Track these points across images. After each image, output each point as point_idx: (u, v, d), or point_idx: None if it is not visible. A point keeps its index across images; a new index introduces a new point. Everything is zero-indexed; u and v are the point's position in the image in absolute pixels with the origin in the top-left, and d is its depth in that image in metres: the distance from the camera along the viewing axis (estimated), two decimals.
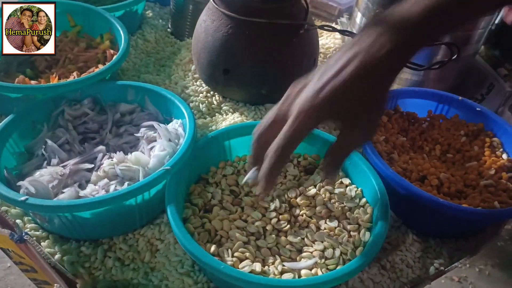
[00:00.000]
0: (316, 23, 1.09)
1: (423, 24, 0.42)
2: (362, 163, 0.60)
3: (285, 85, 0.74)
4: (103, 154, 0.61)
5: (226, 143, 0.63)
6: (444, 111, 0.76)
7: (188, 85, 0.81)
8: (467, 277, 1.58)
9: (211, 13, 0.72)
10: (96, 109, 0.69)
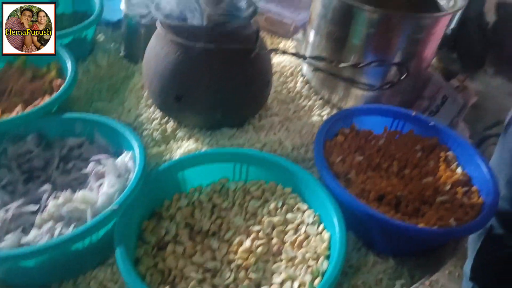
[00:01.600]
0: (273, 40, 1.09)
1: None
2: (319, 188, 0.59)
3: (239, 108, 0.74)
4: (48, 193, 0.58)
5: (179, 174, 0.62)
6: (400, 127, 0.76)
7: (142, 113, 0.78)
8: (438, 280, 1.61)
9: (160, 39, 0.70)
10: (42, 145, 0.66)
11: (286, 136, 0.77)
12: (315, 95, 0.89)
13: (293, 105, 0.86)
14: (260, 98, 0.75)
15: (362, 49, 0.79)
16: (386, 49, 0.78)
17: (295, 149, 0.76)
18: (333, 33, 0.80)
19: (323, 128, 0.69)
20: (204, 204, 0.61)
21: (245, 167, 0.64)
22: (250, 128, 0.77)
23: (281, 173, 0.63)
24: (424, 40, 0.78)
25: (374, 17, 0.75)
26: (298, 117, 0.84)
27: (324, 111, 0.85)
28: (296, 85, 0.90)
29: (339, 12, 0.78)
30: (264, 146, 0.74)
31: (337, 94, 0.86)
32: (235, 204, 0.62)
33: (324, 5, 0.80)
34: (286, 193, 0.62)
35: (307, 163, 0.75)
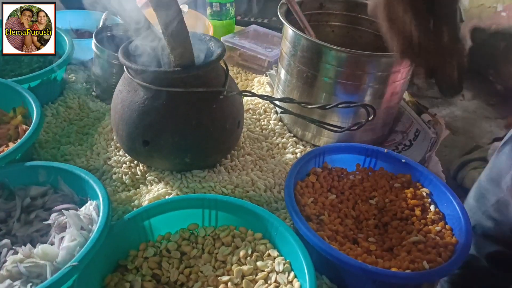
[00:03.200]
0: (248, 75, 1.09)
1: None
2: (288, 233, 0.58)
3: (208, 151, 0.73)
4: (7, 249, 0.56)
5: (146, 223, 0.60)
6: (372, 164, 0.76)
7: (111, 156, 0.77)
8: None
9: (126, 84, 0.69)
10: (4, 195, 0.63)
11: (259, 176, 0.76)
12: (289, 132, 0.89)
13: (266, 143, 0.85)
14: (230, 139, 0.74)
15: (333, 87, 0.79)
16: (356, 87, 0.78)
17: (268, 189, 0.75)
18: (303, 72, 0.80)
19: (293, 169, 0.68)
20: (172, 253, 0.59)
21: (214, 212, 0.62)
22: (222, 169, 0.76)
23: (251, 218, 0.61)
24: (393, 78, 0.78)
25: (342, 56, 0.76)
26: (271, 155, 0.83)
27: (298, 148, 0.85)
28: (270, 122, 0.90)
29: (308, 51, 0.78)
30: (236, 187, 0.73)
31: (310, 132, 0.86)
32: (205, 252, 0.60)
33: (293, 44, 0.81)
34: (256, 239, 0.61)
35: (281, 203, 0.74)
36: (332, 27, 0.96)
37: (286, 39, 0.83)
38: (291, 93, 0.85)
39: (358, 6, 0.92)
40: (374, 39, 0.92)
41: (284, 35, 0.84)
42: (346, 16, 0.94)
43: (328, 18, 0.95)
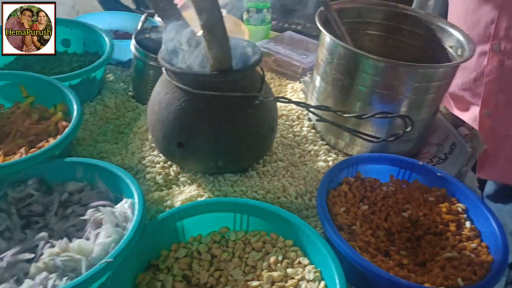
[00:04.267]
0: (281, 81, 1.09)
1: None
2: (320, 242, 0.57)
3: (242, 155, 0.73)
4: (45, 241, 0.57)
5: (178, 223, 0.61)
6: (406, 176, 0.75)
7: (145, 156, 0.78)
8: None
9: (164, 85, 0.70)
10: (42, 189, 0.65)
11: (290, 183, 0.76)
12: (321, 140, 0.88)
13: (298, 150, 0.85)
14: (264, 145, 0.74)
15: (368, 96, 0.78)
16: (393, 97, 0.77)
17: (299, 196, 0.74)
18: (339, 80, 0.80)
19: (326, 177, 0.68)
20: (203, 255, 0.60)
21: (246, 217, 0.63)
22: (253, 174, 0.76)
23: (282, 225, 0.61)
24: (431, 89, 0.77)
25: (380, 65, 0.75)
26: (303, 162, 0.83)
27: (330, 156, 0.84)
28: (302, 129, 0.90)
29: (345, 59, 0.78)
30: (267, 193, 0.73)
31: (343, 140, 0.85)
32: (235, 256, 0.60)
33: (330, 52, 0.81)
34: (287, 246, 0.61)
35: (312, 210, 0.73)
36: (370, 36, 0.95)
37: (323, 47, 0.83)
38: (326, 101, 0.84)
39: (398, 16, 0.91)
40: (412, 49, 0.91)
41: (321, 42, 0.84)
42: (384, 26, 0.93)
43: (366, 27, 0.94)
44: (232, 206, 0.62)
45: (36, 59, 0.97)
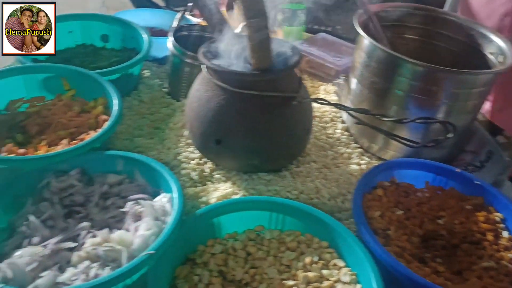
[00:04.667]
0: (313, 83, 1.09)
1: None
2: (357, 245, 0.57)
3: (277, 155, 0.73)
4: (86, 231, 0.59)
5: (215, 220, 0.61)
6: (442, 183, 0.74)
7: (181, 151, 0.79)
8: None
9: (204, 83, 0.71)
10: (84, 180, 0.67)
11: (323, 184, 0.76)
12: (354, 143, 0.88)
13: (331, 152, 0.85)
14: (299, 145, 0.75)
15: (404, 101, 0.78)
16: (429, 103, 0.76)
17: (332, 198, 0.74)
18: (375, 83, 0.80)
19: (362, 181, 0.68)
20: (238, 252, 0.61)
21: (282, 216, 0.63)
22: (287, 174, 0.76)
23: (318, 226, 0.61)
24: (470, 96, 0.76)
25: (419, 70, 0.74)
26: (336, 164, 0.83)
27: (363, 160, 0.84)
28: (336, 131, 0.90)
29: (383, 62, 0.78)
30: (300, 194, 0.73)
31: (376, 144, 0.85)
32: (270, 254, 0.61)
33: (368, 55, 0.80)
34: (322, 247, 0.61)
35: (344, 213, 0.73)
36: (406, 40, 0.94)
37: (360, 49, 0.83)
38: (361, 104, 0.84)
39: (437, 21, 0.90)
40: (450, 55, 0.90)
41: (358, 45, 0.84)
42: (422, 30, 0.92)
43: (403, 31, 0.93)
44: (269, 205, 0.62)
45: (76, 53, 1.00)
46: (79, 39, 1.02)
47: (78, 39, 1.02)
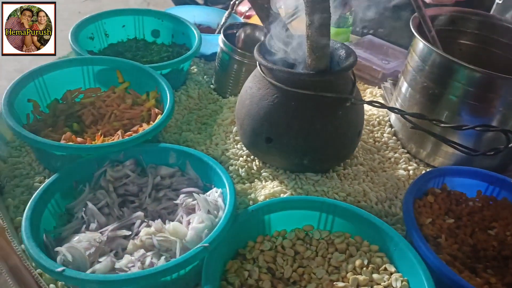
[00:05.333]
0: (359, 85, 1.08)
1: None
2: (409, 251, 0.57)
3: (327, 156, 0.73)
4: (141, 220, 0.60)
5: (266, 217, 0.62)
6: (495, 193, 0.72)
7: (229, 148, 0.80)
8: None
9: (257, 81, 0.72)
10: (137, 171, 0.69)
11: (370, 188, 0.75)
12: (402, 147, 0.87)
13: (378, 156, 0.84)
14: (349, 147, 0.74)
15: (458, 107, 0.76)
16: (484, 110, 0.75)
17: (379, 202, 0.74)
18: (429, 88, 0.78)
19: (413, 186, 0.67)
20: (287, 250, 0.61)
21: (331, 217, 0.63)
22: (334, 175, 0.76)
23: (368, 229, 0.61)
24: None
25: (476, 76, 0.73)
26: (383, 168, 0.82)
27: (411, 165, 0.83)
28: (383, 135, 0.89)
29: (438, 67, 0.76)
30: (348, 196, 0.72)
31: (425, 150, 0.83)
32: (318, 255, 0.61)
33: (423, 59, 0.79)
34: (372, 251, 0.60)
35: (391, 218, 0.73)
36: (460, 45, 0.92)
37: (414, 53, 0.81)
38: (412, 108, 0.83)
39: (494, 27, 0.88)
40: (506, 62, 0.87)
41: (412, 49, 0.83)
42: (477, 36, 0.90)
43: (458, 36, 0.91)
44: (319, 205, 0.62)
45: (128, 46, 1.02)
46: (132, 33, 1.04)
47: (131, 33, 1.04)
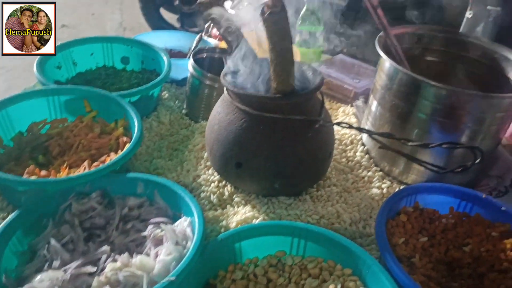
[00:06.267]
0: (332, 104, 1.09)
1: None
2: (381, 273, 0.56)
3: (298, 179, 0.72)
4: (107, 255, 0.58)
5: (236, 245, 0.60)
6: (467, 209, 0.72)
7: (200, 174, 0.79)
8: None
9: (225, 106, 0.71)
10: (104, 203, 0.67)
11: (344, 209, 0.75)
12: (375, 166, 0.87)
13: (352, 175, 0.84)
14: (321, 169, 0.74)
15: (427, 124, 0.76)
16: (453, 126, 0.75)
17: (353, 223, 0.73)
18: (398, 107, 0.79)
19: (385, 206, 0.66)
20: (259, 279, 0.59)
21: (303, 242, 0.62)
22: (307, 198, 0.75)
23: (341, 252, 0.60)
24: (494, 119, 0.74)
25: (443, 93, 0.73)
26: (357, 188, 0.81)
27: (384, 183, 0.83)
28: (356, 154, 0.89)
29: (405, 85, 0.77)
30: (321, 218, 0.72)
31: (397, 168, 0.83)
32: (291, 282, 0.59)
33: (390, 77, 0.80)
34: (345, 275, 0.59)
35: (365, 239, 0.72)
36: (428, 62, 0.93)
37: (382, 72, 0.82)
38: (383, 127, 0.83)
39: (459, 44, 0.89)
40: (473, 78, 0.89)
41: (380, 68, 0.83)
42: (444, 53, 0.91)
43: (425, 53, 0.93)
44: (291, 230, 0.61)
45: (97, 74, 1.01)
46: (101, 61, 1.03)
47: (100, 61, 1.03)
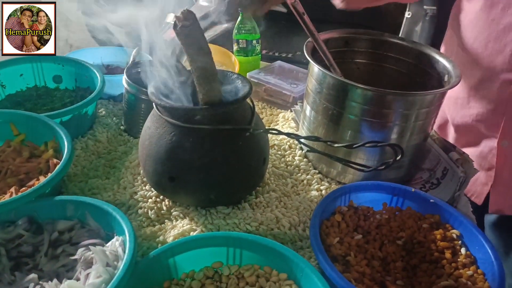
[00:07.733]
0: (272, 111, 1.10)
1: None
2: (314, 275, 0.57)
3: (233, 188, 0.73)
4: (34, 284, 0.56)
5: (170, 260, 0.60)
6: (399, 204, 0.75)
7: (137, 190, 0.78)
8: None
9: (155, 120, 0.71)
10: (32, 229, 0.64)
11: (283, 214, 0.75)
12: (314, 169, 0.88)
13: (291, 180, 0.85)
14: (255, 177, 0.74)
15: (358, 125, 0.78)
16: (382, 125, 0.78)
17: (292, 227, 0.74)
18: (329, 109, 0.81)
19: (319, 208, 0.68)
20: None
21: (239, 251, 0.62)
22: (246, 206, 0.76)
23: (276, 258, 0.60)
24: (419, 115, 0.78)
25: (368, 94, 0.76)
26: (296, 192, 0.83)
27: (323, 185, 0.84)
28: (295, 158, 0.90)
29: (334, 89, 0.79)
30: (260, 225, 0.72)
31: (335, 169, 0.85)
32: None
33: (319, 82, 0.81)
34: (281, 280, 0.60)
35: (306, 241, 0.73)
36: (357, 64, 0.96)
37: (311, 77, 0.84)
38: (317, 130, 0.85)
39: (384, 44, 0.93)
40: (400, 77, 0.92)
41: (310, 73, 0.85)
42: (371, 54, 0.94)
43: (353, 56, 0.96)
44: (225, 240, 0.61)
45: (28, 95, 0.98)
46: (31, 81, 1.00)
47: (30, 81, 1.00)
